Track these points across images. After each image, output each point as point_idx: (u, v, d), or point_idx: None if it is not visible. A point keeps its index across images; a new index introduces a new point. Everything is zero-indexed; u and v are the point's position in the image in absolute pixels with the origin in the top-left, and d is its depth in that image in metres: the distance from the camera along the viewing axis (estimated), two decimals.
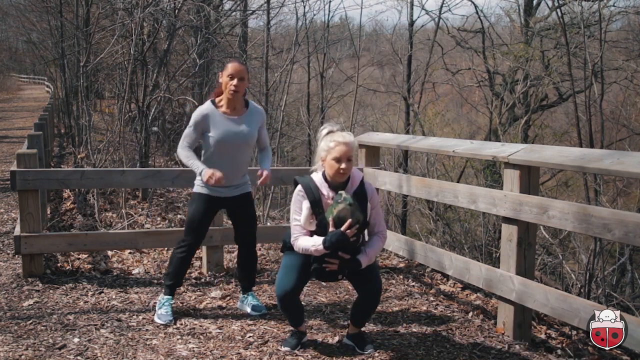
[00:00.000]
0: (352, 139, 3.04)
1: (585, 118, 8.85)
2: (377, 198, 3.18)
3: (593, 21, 13.08)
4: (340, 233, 2.92)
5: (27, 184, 4.24)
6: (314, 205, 3.02)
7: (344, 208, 2.93)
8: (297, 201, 3.09)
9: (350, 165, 3.03)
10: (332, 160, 3.00)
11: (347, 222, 2.92)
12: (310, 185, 3.06)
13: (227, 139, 3.54)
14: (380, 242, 3.14)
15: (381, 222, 3.17)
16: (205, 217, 3.68)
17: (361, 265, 3.05)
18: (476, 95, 20.88)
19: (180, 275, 3.76)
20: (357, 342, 3.29)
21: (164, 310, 3.66)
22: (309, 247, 3.01)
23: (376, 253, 3.14)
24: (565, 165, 3.21)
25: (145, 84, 8.06)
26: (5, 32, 31.64)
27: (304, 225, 3.06)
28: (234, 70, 3.49)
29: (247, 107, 3.65)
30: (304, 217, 3.05)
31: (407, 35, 17.55)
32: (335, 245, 2.94)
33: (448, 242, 9.17)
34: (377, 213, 3.15)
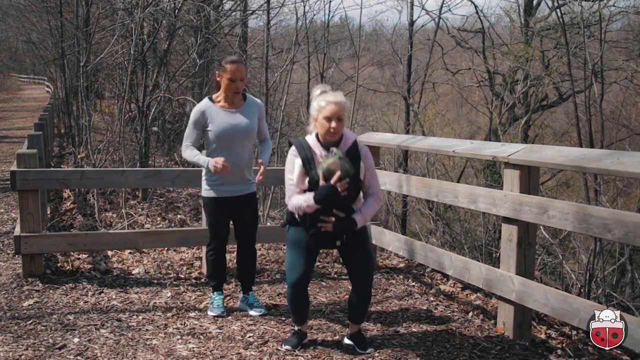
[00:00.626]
0: (342, 99, 3.06)
1: (585, 118, 8.84)
2: (372, 159, 3.18)
3: (593, 21, 13.08)
4: (330, 186, 2.93)
5: (27, 184, 4.24)
6: (305, 162, 3.05)
7: (334, 161, 2.94)
8: (290, 161, 3.12)
9: (341, 125, 3.04)
10: (323, 119, 3.03)
11: (337, 174, 2.91)
12: (303, 144, 3.10)
13: (226, 132, 3.57)
14: (375, 204, 3.13)
15: (376, 184, 3.17)
16: (222, 219, 3.75)
17: (356, 224, 3.04)
18: (476, 95, 20.87)
19: (220, 273, 3.87)
20: (357, 341, 3.29)
21: (216, 304, 3.81)
22: (301, 204, 3.02)
23: (372, 213, 3.13)
24: (565, 165, 3.21)
25: (145, 84, 8.06)
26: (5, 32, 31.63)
27: (296, 183, 3.08)
28: (234, 73, 3.53)
29: (244, 100, 3.69)
30: (296, 174, 3.07)
31: (407, 35, 17.55)
32: (325, 198, 2.94)
33: (448, 242, 9.17)
34: (372, 174, 3.15)
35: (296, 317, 3.30)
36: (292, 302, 3.24)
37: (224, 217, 3.76)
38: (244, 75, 3.58)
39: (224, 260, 3.89)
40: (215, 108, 3.62)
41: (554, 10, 15.90)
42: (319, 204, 2.97)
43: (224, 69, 3.56)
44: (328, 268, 4.96)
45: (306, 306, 3.29)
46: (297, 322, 3.31)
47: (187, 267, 4.87)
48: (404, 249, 4.68)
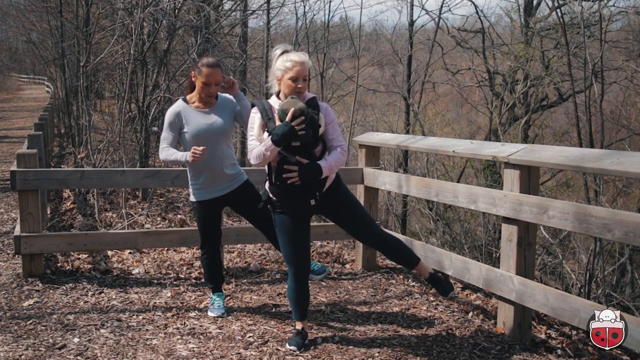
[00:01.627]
0: (307, 59, 3.09)
1: (585, 118, 8.85)
2: (333, 114, 3.19)
3: (593, 21, 13.09)
4: (285, 123, 2.94)
5: (27, 184, 4.24)
6: (264, 115, 3.08)
7: (288, 101, 2.98)
8: (251, 118, 3.16)
9: (305, 85, 3.07)
10: (288, 79, 3.04)
11: (291, 112, 2.92)
12: (264, 103, 3.15)
13: (203, 132, 3.57)
14: (340, 155, 3.10)
15: (339, 138, 3.16)
16: (211, 221, 3.74)
17: (321, 170, 3.01)
18: (476, 95, 20.87)
19: (216, 275, 3.87)
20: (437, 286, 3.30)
21: (217, 304, 3.81)
22: (261, 150, 3.02)
23: (337, 164, 3.10)
24: (565, 165, 3.21)
25: (145, 84, 8.06)
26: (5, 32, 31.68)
27: (257, 137, 3.10)
28: (209, 77, 3.51)
29: (216, 98, 3.68)
30: (256, 127, 3.10)
31: (407, 35, 17.56)
32: (282, 137, 2.94)
33: (448, 242, 9.18)
34: (334, 128, 3.15)
35: (298, 312, 3.31)
36: (296, 293, 3.25)
37: (213, 219, 3.75)
38: (220, 79, 3.55)
39: (218, 262, 3.87)
40: (189, 109, 3.61)
41: (554, 10, 15.89)
42: (277, 145, 2.96)
43: (199, 71, 3.53)
44: (328, 268, 4.95)
45: (307, 298, 3.32)
46: (300, 317, 3.32)
47: (187, 267, 4.88)
48: None
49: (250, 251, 5.38)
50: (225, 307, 3.83)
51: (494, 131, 13.76)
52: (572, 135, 14.58)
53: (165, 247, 5.17)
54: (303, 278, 3.24)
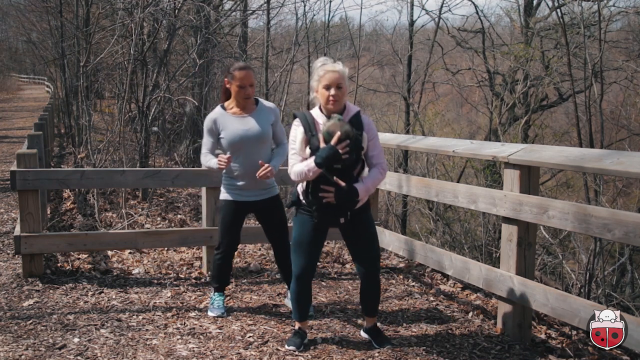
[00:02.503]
0: (341, 67, 3.06)
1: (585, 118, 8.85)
2: (375, 130, 3.17)
3: (593, 21, 13.09)
4: (329, 147, 2.92)
5: (27, 184, 4.24)
6: (307, 130, 3.05)
7: (333, 123, 2.94)
8: (292, 131, 3.13)
9: (341, 93, 3.03)
10: (322, 88, 3.03)
11: (336, 135, 2.90)
12: (306, 115, 3.12)
13: (238, 137, 3.58)
14: (379, 175, 3.11)
15: (380, 155, 3.15)
16: (235, 223, 3.74)
17: (358, 193, 3.01)
18: (476, 95, 20.87)
19: (223, 276, 3.88)
20: (374, 336, 3.32)
21: (216, 304, 3.81)
22: (303, 169, 3.01)
23: (374, 185, 3.11)
24: (564, 165, 3.21)
25: (145, 84, 8.06)
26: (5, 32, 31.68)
27: (298, 151, 3.08)
28: (243, 80, 3.54)
29: (257, 105, 3.70)
30: (298, 142, 3.08)
31: (407, 35, 17.56)
32: (325, 159, 2.92)
33: (448, 242, 9.18)
34: (375, 145, 3.13)
35: (298, 313, 3.31)
36: (297, 294, 3.24)
37: (238, 221, 3.75)
38: (253, 80, 3.59)
39: (230, 265, 3.89)
40: (226, 115, 3.63)
41: (554, 10, 15.89)
42: (319, 167, 2.95)
43: (232, 77, 3.57)
44: (328, 268, 4.96)
45: (309, 301, 3.31)
46: (300, 317, 3.31)
47: (187, 267, 4.88)
48: (404, 249, 4.68)
49: (250, 251, 5.38)
50: (225, 307, 3.83)
51: (494, 131, 13.76)
52: (572, 135, 14.58)
53: (165, 247, 5.18)
54: (307, 281, 3.23)
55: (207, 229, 4.62)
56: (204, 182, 4.64)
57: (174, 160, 11.32)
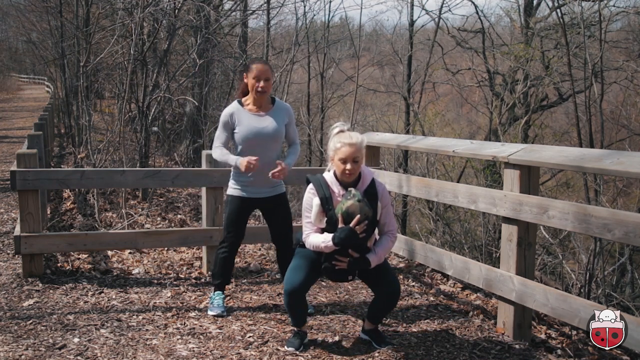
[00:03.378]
0: (358, 140, 3.05)
1: (585, 118, 8.85)
2: (388, 197, 3.20)
3: (593, 21, 13.09)
4: (349, 229, 2.95)
5: (27, 184, 4.24)
6: (324, 202, 3.06)
7: (353, 204, 2.96)
8: (308, 199, 3.13)
9: (356, 167, 3.05)
10: (338, 161, 3.04)
11: (356, 218, 2.94)
12: (321, 182, 3.11)
13: (253, 135, 3.60)
14: (390, 242, 3.17)
15: (392, 222, 3.19)
16: (241, 218, 3.76)
17: (370, 264, 3.08)
18: (476, 95, 20.87)
19: (226, 273, 3.88)
20: (374, 337, 3.34)
21: (216, 303, 3.82)
22: (319, 244, 3.04)
23: (386, 253, 3.16)
24: (565, 165, 3.21)
25: (145, 84, 8.06)
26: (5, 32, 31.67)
27: (314, 222, 3.09)
28: (259, 72, 3.58)
29: (273, 104, 3.72)
30: (314, 213, 3.08)
31: (407, 35, 17.56)
32: (344, 241, 2.96)
33: (448, 242, 9.17)
34: (388, 212, 3.17)
35: (294, 321, 3.31)
36: (289, 307, 3.25)
37: (244, 216, 3.77)
38: (269, 75, 3.61)
39: (233, 260, 3.91)
40: (243, 111, 3.66)
41: (554, 10, 15.89)
42: (337, 247, 3.00)
43: (249, 69, 3.62)
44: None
45: (304, 311, 3.30)
46: (296, 324, 3.32)
47: (187, 267, 4.88)
48: (404, 249, 4.68)
49: (250, 251, 5.38)
50: (225, 307, 3.83)
51: (494, 131, 13.76)
52: (572, 135, 14.59)
53: (165, 247, 5.18)
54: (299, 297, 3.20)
55: (207, 229, 4.62)
56: (204, 182, 4.64)
57: (174, 160, 11.32)
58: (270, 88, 3.67)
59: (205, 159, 4.66)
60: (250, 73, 3.60)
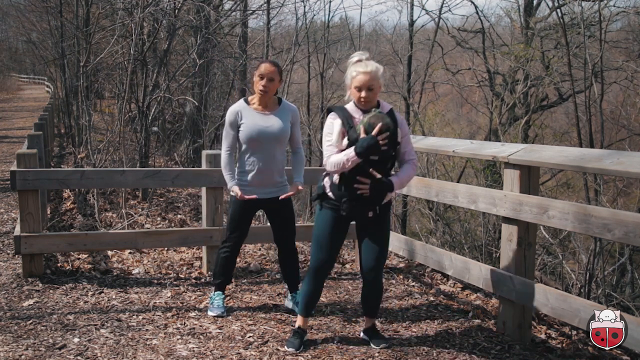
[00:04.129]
0: (374, 68, 3.07)
1: (585, 118, 8.85)
2: (407, 127, 3.21)
3: (593, 21, 13.09)
4: (371, 137, 2.94)
5: (27, 184, 4.24)
6: (345, 123, 3.07)
7: (374, 115, 2.99)
8: (329, 123, 3.14)
9: (372, 94, 3.07)
10: (354, 88, 3.07)
11: (378, 126, 2.94)
12: (343, 110, 3.14)
13: (257, 134, 3.60)
14: (412, 170, 3.16)
15: (411, 151, 3.20)
16: (244, 218, 3.76)
17: (393, 187, 3.05)
18: (476, 95, 20.87)
19: (227, 273, 3.88)
20: (372, 336, 3.34)
21: (216, 304, 3.81)
22: (341, 159, 3.02)
23: (409, 179, 3.16)
24: (565, 165, 3.21)
25: (145, 84, 8.06)
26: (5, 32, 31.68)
27: (335, 143, 3.09)
28: (264, 70, 3.57)
29: (280, 104, 3.72)
30: (335, 133, 3.08)
31: (407, 35, 17.56)
32: (366, 150, 2.94)
33: (448, 242, 9.17)
34: (407, 141, 3.18)
35: (305, 308, 3.31)
36: (309, 288, 3.25)
37: (247, 216, 3.77)
38: (275, 75, 3.59)
39: (234, 261, 3.90)
40: (248, 109, 3.66)
41: (554, 10, 15.89)
42: (360, 157, 2.97)
43: (257, 67, 3.63)
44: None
45: (319, 296, 3.34)
46: (306, 312, 3.32)
47: (187, 267, 4.87)
48: (404, 249, 4.68)
49: (250, 251, 5.38)
50: (225, 307, 3.83)
51: (494, 131, 13.76)
52: (572, 136, 14.58)
53: (165, 247, 5.18)
54: (322, 276, 3.24)
55: (207, 229, 4.62)
56: (204, 182, 4.64)
57: (174, 160, 11.32)
58: (274, 89, 3.64)
59: (205, 159, 4.66)
60: (257, 71, 3.61)
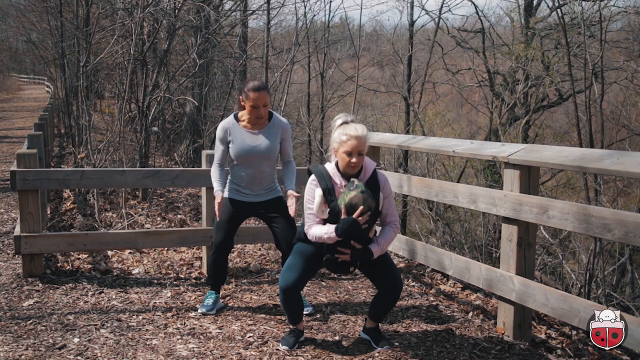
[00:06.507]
0: (364, 133, 3.05)
1: (585, 118, 8.85)
2: (390, 188, 3.20)
3: (593, 21, 13.08)
4: (352, 220, 2.94)
5: (27, 184, 4.24)
6: (326, 193, 3.06)
7: (356, 195, 2.95)
8: (310, 190, 3.13)
9: (361, 159, 3.05)
10: (343, 153, 3.03)
11: (359, 209, 2.93)
12: (323, 173, 3.10)
13: (244, 152, 3.62)
14: (392, 232, 3.15)
15: (393, 213, 3.19)
16: (231, 220, 3.74)
17: (373, 255, 3.07)
18: (476, 95, 20.87)
19: (218, 275, 3.88)
20: (373, 336, 3.33)
21: (206, 302, 3.84)
22: (322, 235, 3.03)
23: (389, 243, 3.16)
24: (565, 165, 3.21)
25: (145, 84, 8.06)
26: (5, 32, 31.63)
27: (316, 213, 3.09)
28: (257, 100, 3.54)
29: (270, 119, 3.70)
30: (316, 204, 3.08)
31: (407, 35, 17.56)
32: (347, 232, 2.95)
33: (448, 242, 9.17)
34: (390, 203, 3.16)
35: (290, 318, 3.32)
36: (284, 304, 3.25)
37: (234, 218, 3.75)
38: (267, 101, 3.59)
39: (224, 264, 3.86)
40: (237, 127, 3.67)
41: (554, 10, 15.89)
42: (340, 238, 2.99)
43: (247, 96, 3.58)
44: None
45: (300, 309, 3.30)
46: (292, 322, 3.33)
47: (187, 267, 4.88)
48: (404, 249, 4.68)
49: (250, 251, 5.38)
50: (214, 307, 3.81)
51: (494, 131, 13.76)
52: (572, 136, 14.58)
53: (165, 247, 5.18)
54: (294, 293, 3.19)
55: (207, 229, 4.62)
56: (204, 182, 4.64)
57: (174, 160, 11.32)
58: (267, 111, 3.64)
59: (205, 159, 4.66)
60: (248, 100, 3.56)
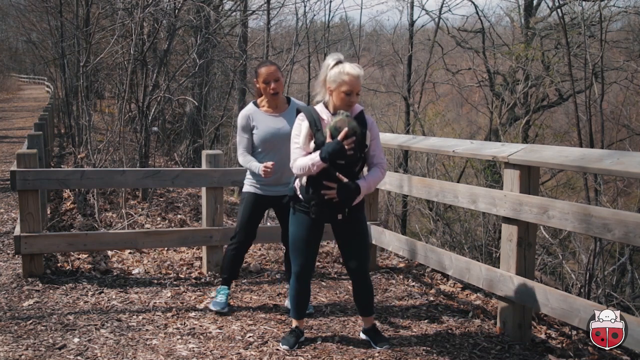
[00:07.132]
0: (362, 72, 3.05)
1: (585, 118, 8.85)
2: (377, 130, 3.18)
3: (593, 21, 13.08)
4: (336, 142, 2.90)
5: (27, 184, 4.24)
6: (312, 125, 3.04)
7: (341, 119, 2.94)
8: (297, 126, 3.12)
9: (358, 98, 3.05)
10: (342, 93, 3.01)
11: (344, 131, 2.90)
12: (311, 110, 3.11)
13: (269, 136, 3.64)
14: (379, 174, 3.12)
15: (381, 155, 3.16)
16: (254, 215, 3.78)
17: (360, 190, 3.01)
18: (476, 95, 20.86)
19: (233, 269, 3.90)
20: (373, 336, 3.33)
21: (219, 298, 3.84)
22: (307, 163, 3.00)
23: (376, 183, 3.13)
24: (565, 166, 3.20)
25: (145, 84, 8.05)
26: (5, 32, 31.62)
27: (302, 146, 3.06)
28: (268, 74, 3.59)
29: (288, 103, 3.75)
30: (302, 136, 3.06)
31: (407, 36, 17.54)
32: (331, 154, 2.91)
33: (448, 242, 9.17)
34: (377, 145, 3.14)
35: (296, 311, 3.32)
36: (296, 292, 3.25)
37: (257, 214, 3.79)
38: (278, 75, 3.62)
39: (242, 258, 3.92)
40: (259, 112, 3.70)
41: (554, 10, 15.89)
42: (324, 162, 2.94)
43: (257, 74, 3.65)
44: (328, 268, 4.96)
45: (308, 298, 3.33)
46: (297, 315, 3.32)
47: (187, 267, 4.87)
48: (404, 249, 4.68)
49: (250, 251, 5.38)
50: (227, 304, 3.84)
51: (494, 131, 13.75)
52: (572, 136, 14.57)
53: (165, 247, 5.18)
54: (306, 279, 3.24)
55: (207, 229, 4.62)
56: (204, 182, 4.64)
57: (174, 160, 11.32)
58: (282, 87, 3.68)
59: (205, 159, 4.66)
60: (259, 77, 3.63)
